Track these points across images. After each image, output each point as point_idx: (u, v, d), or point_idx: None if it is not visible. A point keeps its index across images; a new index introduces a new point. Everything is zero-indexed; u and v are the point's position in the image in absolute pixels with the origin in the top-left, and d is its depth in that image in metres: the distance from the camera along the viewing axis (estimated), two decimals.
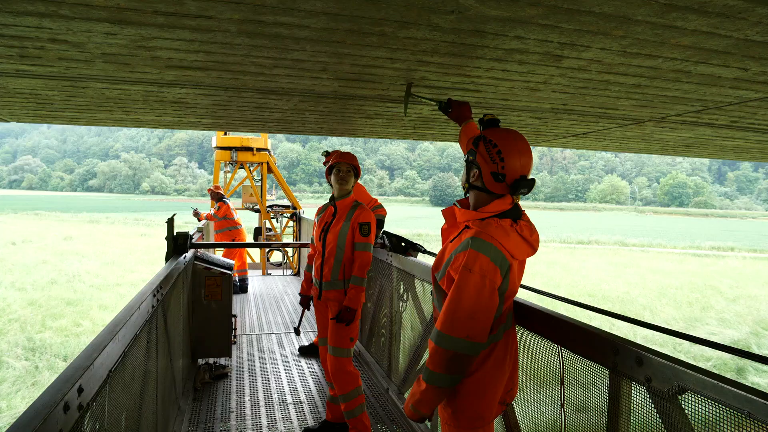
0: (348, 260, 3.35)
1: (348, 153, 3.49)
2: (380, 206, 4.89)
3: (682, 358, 10.42)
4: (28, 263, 19.23)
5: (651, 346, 1.67)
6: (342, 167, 3.36)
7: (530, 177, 1.88)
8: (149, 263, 20.28)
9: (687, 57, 2.48)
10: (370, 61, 2.73)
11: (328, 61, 2.73)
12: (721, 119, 4.11)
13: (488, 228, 1.81)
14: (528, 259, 1.89)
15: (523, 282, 2.07)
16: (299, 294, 3.80)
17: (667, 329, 2.15)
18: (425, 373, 1.84)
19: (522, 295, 2.33)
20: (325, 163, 4.79)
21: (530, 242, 1.87)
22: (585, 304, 2.61)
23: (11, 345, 9.83)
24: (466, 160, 1.97)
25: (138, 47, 2.52)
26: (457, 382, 1.84)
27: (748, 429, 1.26)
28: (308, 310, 3.72)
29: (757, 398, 1.24)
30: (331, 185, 3.50)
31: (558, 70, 2.79)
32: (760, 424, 1.23)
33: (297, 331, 3.93)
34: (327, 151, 4.77)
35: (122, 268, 19.16)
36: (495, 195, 1.87)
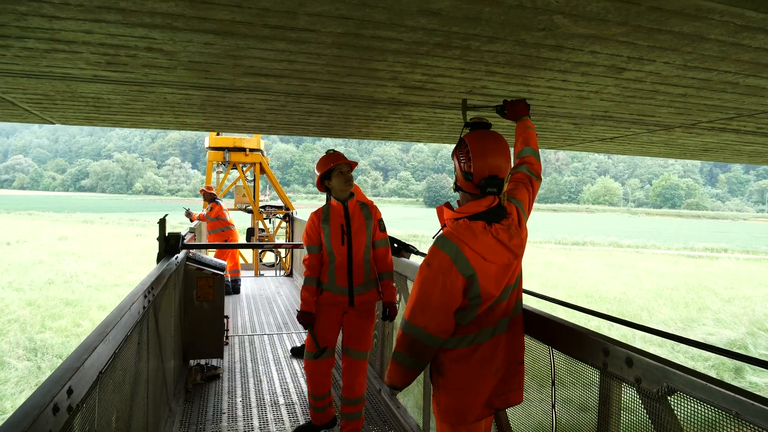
0: (373, 258, 3.35)
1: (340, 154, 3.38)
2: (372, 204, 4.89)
3: (681, 358, 10.58)
4: (24, 263, 19.07)
5: (649, 346, 1.69)
6: (344, 168, 3.24)
7: (501, 177, 1.89)
8: (146, 264, 20.13)
9: (741, 71, 2.62)
10: (442, 71, 2.81)
11: (402, 70, 2.81)
12: (749, 126, 4.22)
13: (457, 228, 1.85)
14: (524, 261, 1.89)
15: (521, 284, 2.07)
16: (302, 312, 3.30)
17: (668, 333, 2.15)
18: (394, 351, 1.98)
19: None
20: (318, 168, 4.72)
21: (508, 246, 1.86)
22: (598, 312, 2.60)
23: (12, 345, 9.76)
24: (455, 164, 2.01)
25: (227, 56, 2.60)
26: (422, 366, 1.97)
27: (737, 429, 1.27)
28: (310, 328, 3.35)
29: (745, 399, 1.25)
30: (326, 189, 3.33)
31: (615, 80, 2.92)
32: (747, 424, 1.24)
33: (320, 353, 3.30)
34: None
35: (119, 269, 19.04)
36: (471, 195, 1.92)
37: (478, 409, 1.93)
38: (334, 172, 3.24)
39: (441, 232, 1.92)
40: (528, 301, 2.30)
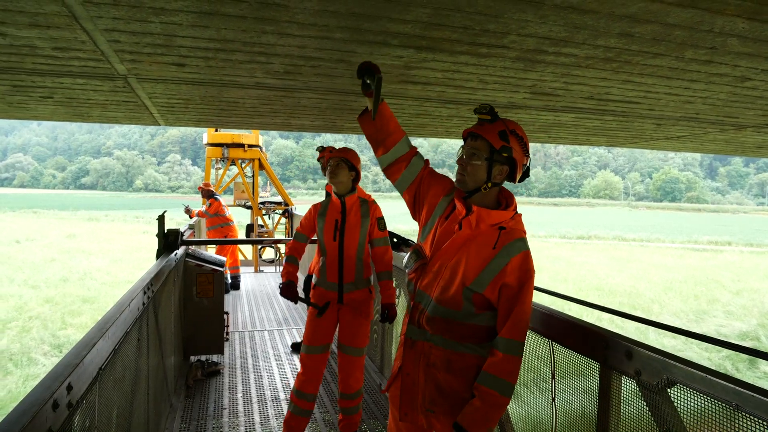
0: (367, 257, 3.25)
1: (344, 148, 3.34)
2: (374, 202, 4.88)
3: (695, 348, 10.60)
4: (36, 261, 19.28)
5: (663, 338, 1.69)
6: (332, 161, 3.21)
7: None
8: (155, 260, 20.23)
9: None
10: (580, 79, 2.94)
11: (477, 72, 2.89)
12: None
13: (521, 225, 1.82)
14: (532, 254, 1.84)
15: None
16: (283, 284, 3.27)
17: (696, 334, 2.11)
18: (504, 387, 1.70)
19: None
20: (318, 159, 4.74)
21: None
22: (616, 311, 2.58)
23: (37, 342, 9.91)
24: (491, 158, 1.79)
25: (406, 67, 2.75)
26: None
27: (737, 421, 1.27)
28: (294, 303, 3.40)
29: (745, 390, 1.25)
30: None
31: (733, 88, 2.98)
32: (747, 415, 1.24)
33: (322, 310, 3.25)
34: (322, 147, 4.70)
35: (131, 265, 19.15)
36: (500, 187, 1.88)
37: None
38: (328, 167, 3.23)
39: (517, 236, 1.78)
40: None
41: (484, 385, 1.70)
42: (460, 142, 1.99)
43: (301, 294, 3.56)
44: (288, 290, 3.25)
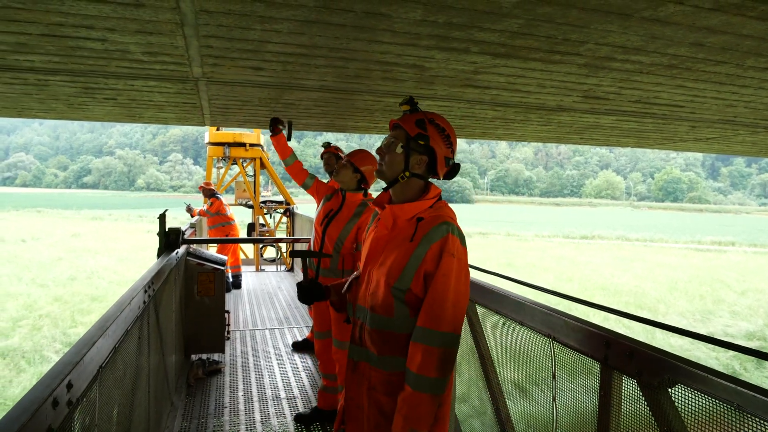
0: (348, 252, 3.35)
1: (355, 150, 3.43)
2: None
3: (703, 348, 10.58)
4: (43, 260, 19.36)
5: (670, 337, 1.68)
6: (331, 159, 3.53)
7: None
8: None
9: None
10: (649, 86, 3.08)
11: (539, 77, 2.99)
12: None
13: (446, 211, 1.72)
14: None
15: (534, 279, 2.04)
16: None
17: (692, 333, 2.10)
18: (415, 381, 1.59)
19: (523, 290, 2.33)
20: (322, 156, 4.75)
21: None
22: (628, 314, 2.57)
23: (49, 340, 9.99)
24: (407, 146, 1.72)
25: (474, 72, 2.86)
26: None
27: (739, 421, 1.27)
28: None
29: (747, 391, 1.24)
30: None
31: None
32: (749, 416, 1.24)
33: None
34: (328, 143, 4.71)
35: (136, 264, 19.24)
36: (426, 181, 1.77)
37: None
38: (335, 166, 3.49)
39: (439, 222, 1.65)
40: (527, 293, 2.29)
41: (405, 382, 1.61)
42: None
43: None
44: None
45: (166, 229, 4.19)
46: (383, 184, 1.81)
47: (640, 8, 1.86)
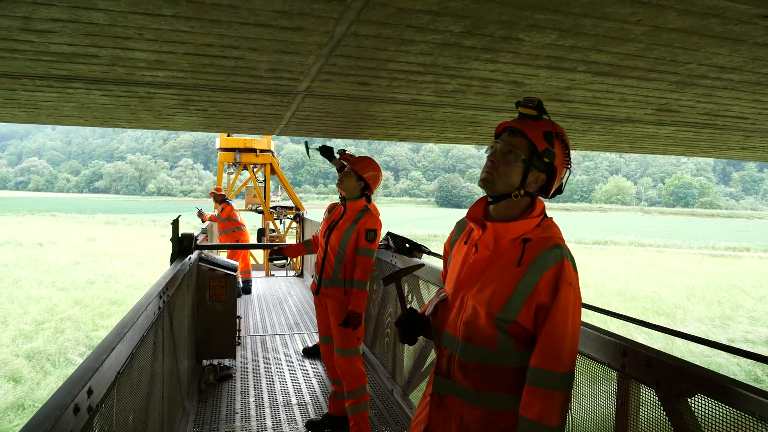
0: (349, 261, 3.36)
1: (359, 158, 3.47)
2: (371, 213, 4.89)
3: (724, 354, 10.45)
4: (62, 264, 19.64)
5: (689, 344, 1.65)
6: (344, 169, 3.49)
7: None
8: None
9: None
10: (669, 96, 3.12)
11: (625, 92, 3.05)
12: None
13: (554, 230, 1.52)
14: (573, 262, 1.58)
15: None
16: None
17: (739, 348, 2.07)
18: (530, 429, 1.38)
19: None
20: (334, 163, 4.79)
21: None
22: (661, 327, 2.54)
23: (73, 343, 10.09)
24: (529, 160, 1.49)
25: (568, 88, 2.92)
26: None
27: None
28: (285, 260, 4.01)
29: None
30: None
31: None
32: None
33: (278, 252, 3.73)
34: (343, 150, 4.75)
35: (153, 269, 19.39)
36: (533, 200, 1.56)
37: None
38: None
39: (551, 244, 1.46)
40: None
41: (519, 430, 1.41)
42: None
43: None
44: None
45: (179, 235, 4.22)
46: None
47: (757, 35, 1.94)
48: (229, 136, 11.02)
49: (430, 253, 4.19)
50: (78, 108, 3.93)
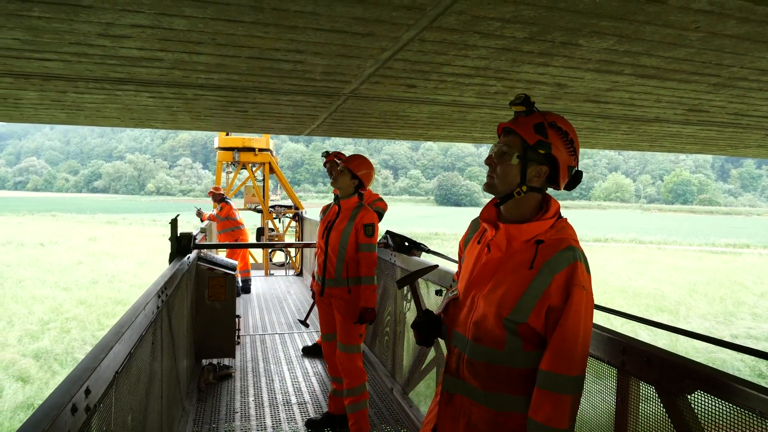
0: (351, 259, 3.37)
1: (351, 156, 3.50)
2: (380, 199, 4.89)
3: (728, 351, 10.44)
4: (64, 264, 19.63)
5: (694, 340, 1.64)
6: (326, 165, 3.51)
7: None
8: None
9: None
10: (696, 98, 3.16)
11: (661, 93, 3.06)
12: None
13: (568, 232, 1.49)
14: (587, 265, 1.54)
15: None
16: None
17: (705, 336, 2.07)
18: None
19: None
20: (325, 164, 4.80)
21: None
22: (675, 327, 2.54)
23: (80, 343, 10.13)
24: (524, 156, 1.47)
25: (608, 90, 2.97)
26: None
27: (761, 428, 1.25)
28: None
29: None
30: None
31: None
32: None
33: (304, 323, 4.18)
34: (327, 152, 4.75)
35: (156, 268, 19.36)
36: (544, 194, 1.55)
37: None
38: (333, 172, 3.55)
39: (565, 245, 1.44)
40: None
41: None
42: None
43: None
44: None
45: (178, 234, 4.21)
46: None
47: None
48: (227, 134, 11.00)
49: (429, 251, 4.19)
50: (119, 109, 3.93)
